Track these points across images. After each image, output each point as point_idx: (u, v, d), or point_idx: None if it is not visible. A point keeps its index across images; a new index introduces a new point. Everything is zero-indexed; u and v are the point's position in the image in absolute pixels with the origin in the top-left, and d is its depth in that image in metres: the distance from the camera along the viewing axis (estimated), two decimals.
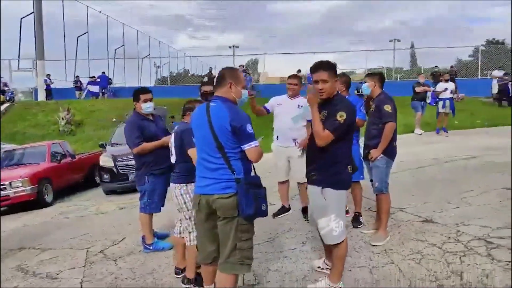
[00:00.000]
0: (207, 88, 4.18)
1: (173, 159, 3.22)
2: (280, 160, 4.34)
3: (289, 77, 4.41)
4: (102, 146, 8.96)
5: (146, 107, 3.94)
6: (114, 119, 17.05)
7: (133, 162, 7.77)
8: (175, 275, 3.35)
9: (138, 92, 4.01)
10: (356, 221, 4.01)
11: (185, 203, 3.08)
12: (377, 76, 3.67)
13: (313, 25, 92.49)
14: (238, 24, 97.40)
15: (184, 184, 3.10)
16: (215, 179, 2.43)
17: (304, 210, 4.29)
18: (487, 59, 21.43)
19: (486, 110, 13.85)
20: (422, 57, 28.99)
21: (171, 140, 3.28)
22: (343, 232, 2.72)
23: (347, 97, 3.48)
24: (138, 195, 4.12)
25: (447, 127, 10.26)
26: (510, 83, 14.33)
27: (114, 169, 7.92)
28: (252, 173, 2.51)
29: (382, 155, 3.47)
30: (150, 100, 3.97)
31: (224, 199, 2.38)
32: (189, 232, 3.09)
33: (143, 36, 29.64)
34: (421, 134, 10.37)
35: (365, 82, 3.69)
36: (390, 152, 3.51)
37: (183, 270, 3.36)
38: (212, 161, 2.44)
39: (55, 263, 3.96)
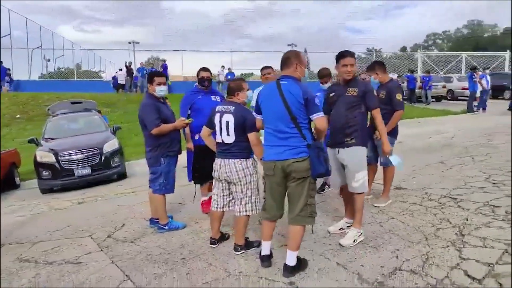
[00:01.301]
0: (205, 74, 4.43)
1: (229, 139, 3.34)
2: None
3: (264, 68, 4.74)
4: (33, 141, 8.11)
5: (160, 89, 3.98)
6: (18, 116, 15.11)
7: (77, 156, 7.44)
8: (211, 245, 3.53)
9: (153, 75, 4.04)
10: None
11: (245, 176, 3.29)
12: (375, 66, 4.36)
13: (213, 26, 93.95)
14: (132, 20, 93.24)
15: (244, 160, 3.30)
16: (289, 146, 2.79)
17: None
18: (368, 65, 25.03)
19: None
20: (314, 61, 32.45)
21: (221, 119, 3.36)
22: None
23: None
24: (86, 190, 4.07)
25: None
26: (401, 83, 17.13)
27: (56, 165, 7.28)
28: None
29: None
30: (164, 83, 4.03)
31: (299, 162, 2.76)
32: (245, 204, 3.31)
33: (33, 26, 26.41)
34: None
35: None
36: (394, 133, 4.24)
37: (219, 240, 3.57)
38: (286, 131, 2.80)
39: (63, 251, 3.71)
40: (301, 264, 2.94)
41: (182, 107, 4.38)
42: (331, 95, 3.52)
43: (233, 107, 3.30)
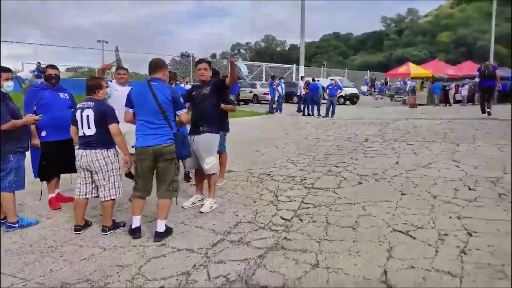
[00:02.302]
0: (53, 72, 4.55)
1: (90, 131, 3.64)
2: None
3: (120, 68, 5.21)
4: None
5: (8, 85, 3.89)
6: None
7: None
8: (76, 232, 3.78)
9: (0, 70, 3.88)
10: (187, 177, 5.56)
11: (106, 164, 3.67)
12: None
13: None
14: None
15: (105, 150, 3.68)
16: (159, 134, 3.48)
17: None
18: (183, 68, 26.66)
19: None
20: (126, 61, 32.03)
21: (82, 114, 3.64)
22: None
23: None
24: None
25: None
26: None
27: None
28: None
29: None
30: (12, 79, 3.94)
31: (167, 147, 3.49)
32: (109, 189, 3.71)
33: None
34: None
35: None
36: (227, 127, 5.35)
37: (83, 227, 3.85)
38: (156, 123, 3.48)
39: None
40: (168, 230, 3.64)
41: (27, 104, 4.31)
42: (193, 93, 4.35)
43: (93, 103, 3.69)
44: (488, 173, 5.15)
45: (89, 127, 3.65)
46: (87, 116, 3.64)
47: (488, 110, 12.06)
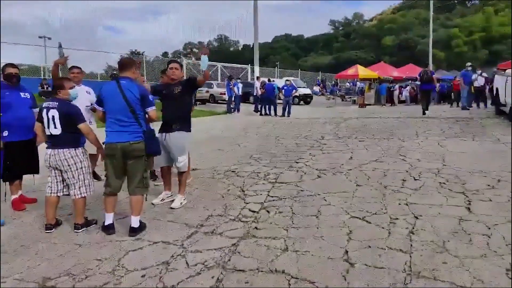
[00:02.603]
0: (13, 70, 4.48)
1: (57, 131, 3.66)
2: None
3: (73, 67, 5.17)
4: None
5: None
6: None
7: None
8: (47, 231, 3.79)
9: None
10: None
11: (75, 163, 3.71)
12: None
13: None
14: None
15: (73, 149, 3.72)
16: (129, 131, 3.60)
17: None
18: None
19: None
20: (71, 57, 30.23)
21: (47, 113, 3.66)
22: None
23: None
24: None
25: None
26: None
27: None
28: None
29: None
30: None
31: (136, 144, 3.62)
32: (79, 187, 3.76)
33: None
34: None
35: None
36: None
37: (54, 225, 3.86)
38: (125, 120, 3.59)
39: None
40: (142, 226, 3.77)
41: None
42: (164, 91, 4.46)
43: (57, 103, 3.73)
44: (430, 165, 5.79)
45: (55, 127, 3.68)
46: (53, 116, 3.67)
47: (426, 110, 13.22)
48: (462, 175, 5.16)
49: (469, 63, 16.03)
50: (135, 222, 3.68)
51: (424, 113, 13.10)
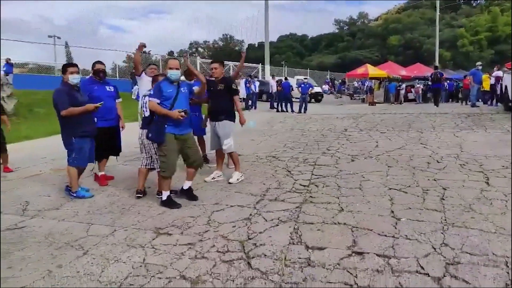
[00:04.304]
0: (100, 66, 5.28)
1: (147, 114, 4.46)
2: None
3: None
4: None
5: (73, 78, 4.58)
6: None
7: None
8: (137, 195, 4.65)
9: (66, 66, 4.60)
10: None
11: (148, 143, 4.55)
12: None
13: None
14: None
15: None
16: None
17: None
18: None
19: None
20: (77, 57, 29.52)
21: (144, 100, 4.47)
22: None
23: None
24: None
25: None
26: None
27: None
28: None
29: None
30: (77, 72, 4.63)
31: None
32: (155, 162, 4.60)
33: None
34: None
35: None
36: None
37: (143, 192, 4.68)
38: None
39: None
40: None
41: None
42: (211, 88, 5.25)
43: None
44: (449, 151, 6.55)
45: (146, 111, 4.48)
46: (145, 102, 4.47)
47: (436, 105, 14.71)
48: (479, 159, 5.91)
49: (479, 62, 16.71)
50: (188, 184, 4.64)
51: (437, 105, 15.21)
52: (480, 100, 16.10)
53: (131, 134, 5.45)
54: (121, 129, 5.50)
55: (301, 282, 2.68)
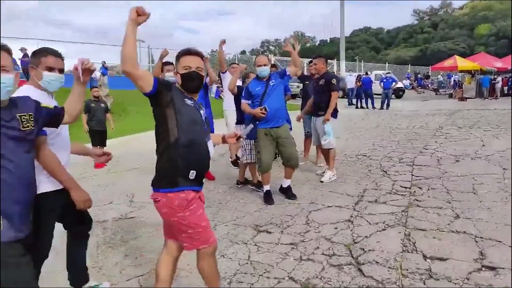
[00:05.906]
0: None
1: None
2: None
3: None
4: None
5: (170, 75, 4.71)
6: None
7: None
8: (237, 185, 4.84)
9: (162, 64, 4.75)
10: None
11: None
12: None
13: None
14: None
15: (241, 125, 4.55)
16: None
17: None
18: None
19: None
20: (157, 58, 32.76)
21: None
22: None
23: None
24: None
25: None
26: None
27: None
28: None
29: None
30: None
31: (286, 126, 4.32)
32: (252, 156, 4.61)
33: None
34: None
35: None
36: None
37: (242, 182, 4.84)
38: None
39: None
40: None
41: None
42: (314, 84, 5.09)
43: None
44: None
45: None
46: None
47: None
48: None
49: None
50: (287, 183, 4.51)
51: None
52: None
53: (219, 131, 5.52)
54: None
55: None
